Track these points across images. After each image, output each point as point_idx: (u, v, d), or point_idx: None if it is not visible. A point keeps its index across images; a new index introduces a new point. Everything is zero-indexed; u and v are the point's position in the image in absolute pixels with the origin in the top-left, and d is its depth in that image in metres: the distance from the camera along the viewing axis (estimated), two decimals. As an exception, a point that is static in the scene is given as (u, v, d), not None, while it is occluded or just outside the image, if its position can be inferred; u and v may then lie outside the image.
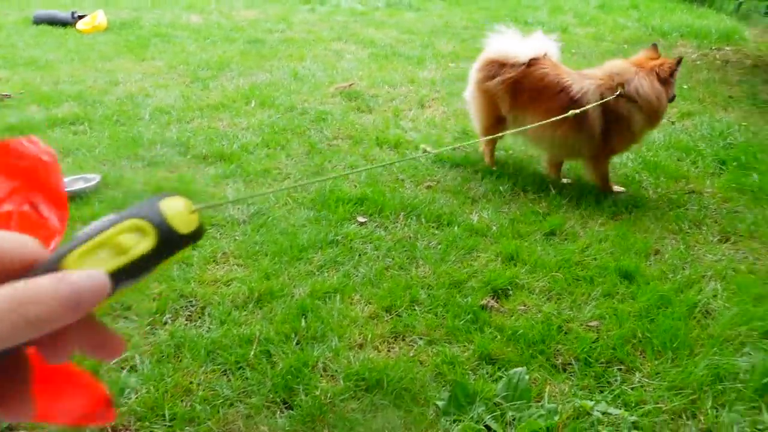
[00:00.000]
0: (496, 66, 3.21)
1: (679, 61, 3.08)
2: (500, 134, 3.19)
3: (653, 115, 3.07)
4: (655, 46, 3.26)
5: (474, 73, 3.34)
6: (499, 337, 2.13)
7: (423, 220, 2.90)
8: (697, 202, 3.16)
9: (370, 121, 4.15)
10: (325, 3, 8.30)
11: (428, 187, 3.27)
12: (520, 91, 3.12)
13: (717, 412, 1.83)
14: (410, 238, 2.76)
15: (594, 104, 2.94)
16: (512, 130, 3.20)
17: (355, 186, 3.20)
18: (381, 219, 2.91)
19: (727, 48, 6.75)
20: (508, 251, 2.64)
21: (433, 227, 2.86)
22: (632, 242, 2.74)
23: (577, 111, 2.70)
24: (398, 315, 2.23)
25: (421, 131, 4.02)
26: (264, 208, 2.91)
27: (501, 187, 3.24)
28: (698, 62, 6.04)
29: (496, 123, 3.29)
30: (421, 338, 2.13)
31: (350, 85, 4.79)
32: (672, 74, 3.05)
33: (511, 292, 2.40)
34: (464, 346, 2.10)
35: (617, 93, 2.98)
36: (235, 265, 2.51)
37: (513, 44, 3.25)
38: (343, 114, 4.23)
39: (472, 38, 6.67)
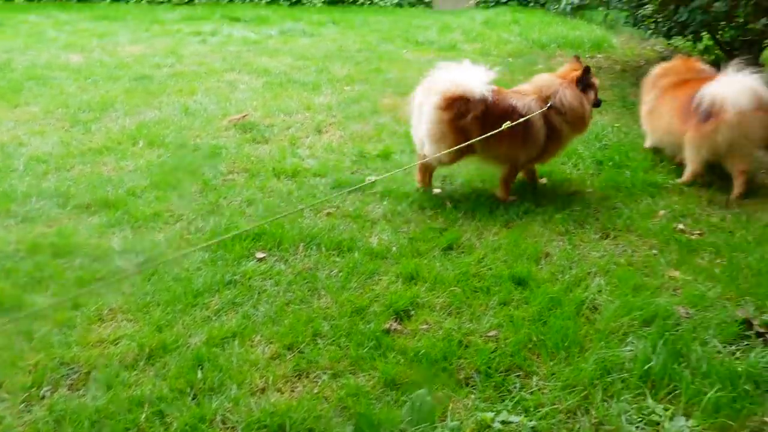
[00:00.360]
0: (463, 102, 3.17)
1: (586, 69, 3.35)
2: (426, 159, 3.31)
3: (579, 122, 3.36)
4: (577, 58, 3.56)
5: (436, 111, 3.19)
6: (402, 360, 2.13)
7: (323, 248, 2.88)
8: (580, 202, 3.37)
9: (267, 152, 4.09)
10: (216, 33, 8.15)
11: (328, 214, 3.26)
12: (485, 120, 3.17)
13: (607, 404, 1.93)
14: (311, 269, 2.72)
15: (522, 119, 3.15)
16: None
17: (252, 220, 3.13)
18: (280, 252, 2.86)
19: (599, 55, 7.34)
20: (408, 271, 2.67)
21: (333, 255, 2.84)
22: (524, 248, 2.86)
23: (512, 123, 3.04)
24: (300, 352, 2.19)
25: (318, 158, 4.01)
26: (155, 255, 2.77)
27: (399, 207, 3.29)
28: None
29: (464, 153, 3.32)
30: (325, 372, 2.09)
31: (244, 116, 4.71)
32: (587, 81, 3.33)
33: (413, 312, 2.43)
34: (369, 374, 2.08)
35: (548, 105, 3.24)
36: (124, 320, 2.35)
37: (468, 78, 3.23)
38: (238, 147, 4.14)
39: (366, 61, 6.82)
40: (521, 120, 3.14)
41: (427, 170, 3.49)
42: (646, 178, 3.69)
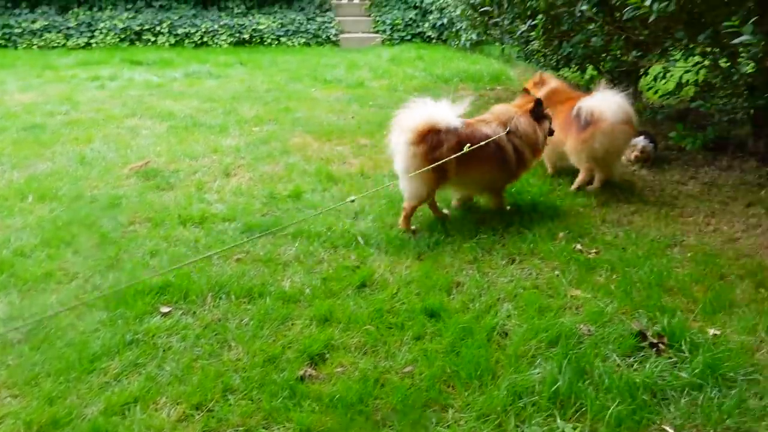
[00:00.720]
0: (435, 134, 3.25)
1: (538, 102, 3.61)
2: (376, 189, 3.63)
3: (534, 147, 3.60)
4: (526, 91, 3.88)
5: (410, 147, 3.26)
6: (318, 408, 2.08)
7: (233, 297, 2.78)
8: (487, 229, 3.49)
9: (172, 199, 3.94)
10: (116, 78, 7.84)
11: (237, 260, 3.17)
12: (460, 150, 3.25)
13: (520, 429, 1.98)
14: (220, 319, 2.62)
15: (483, 142, 3.34)
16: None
17: (156, 273, 2.97)
18: (187, 305, 2.73)
19: (499, 87, 7.77)
20: (322, 313, 2.63)
21: (244, 303, 2.75)
22: (435, 279, 2.91)
23: (473, 147, 3.23)
24: (210, 410, 2.07)
25: (227, 202, 3.91)
26: (45, 321, 2.55)
27: (311, 247, 3.26)
28: (476, 101, 6.83)
29: (441, 185, 3.46)
30: (236, 430, 1.99)
31: (146, 163, 4.52)
32: (539, 112, 3.60)
33: (327, 355, 2.39)
34: (283, 426, 2.01)
35: (507, 130, 3.49)
36: (8, 396, 2.13)
37: (440, 111, 3.35)
38: (140, 195, 3.96)
39: (274, 100, 6.80)
40: (482, 143, 3.32)
41: (412, 211, 3.50)
42: (546, 201, 3.91)
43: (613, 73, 5.45)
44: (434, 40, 11.63)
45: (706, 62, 4.37)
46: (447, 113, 3.36)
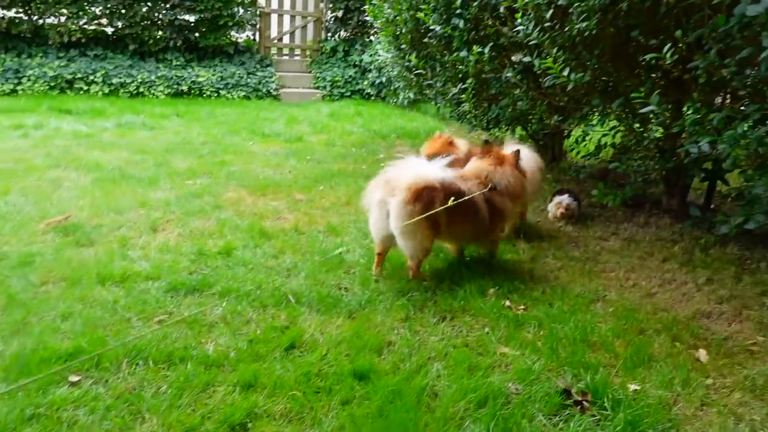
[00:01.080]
0: (429, 191, 3.30)
1: (517, 152, 3.83)
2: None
3: (517, 196, 3.78)
4: (487, 142, 4.01)
5: (406, 207, 3.26)
6: (235, 483, 1.95)
7: (151, 362, 2.61)
8: (419, 286, 3.50)
9: (91, 256, 3.73)
10: (41, 126, 7.52)
11: (159, 321, 3.01)
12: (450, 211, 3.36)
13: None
14: (135, 388, 2.44)
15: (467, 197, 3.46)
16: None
17: (67, 338, 2.77)
18: (99, 372, 2.54)
19: (434, 144, 8.02)
20: (246, 378, 2.51)
21: (163, 369, 2.59)
22: (366, 339, 2.86)
23: (457, 201, 3.34)
24: (115, 492, 1.90)
25: (152, 259, 3.74)
26: (-69, 395, 2.29)
27: (239, 307, 3.15)
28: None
29: (435, 240, 3.57)
30: None
31: (66, 217, 4.29)
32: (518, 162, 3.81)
33: (250, 425, 2.26)
34: (197, 507, 1.86)
35: (490, 187, 3.62)
36: None
37: (427, 169, 3.45)
38: (57, 252, 3.73)
39: (210, 153, 6.72)
40: (466, 198, 3.45)
41: (418, 267, 3.59)
42: (477, 257, 3.98)
43: (538, 135, 5.76)
44: (373, 98, 11.98)
45: (622, 127, 4.70)
46: (437, 168, 3.48)
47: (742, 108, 3.40)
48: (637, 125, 4.42)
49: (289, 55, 13.01)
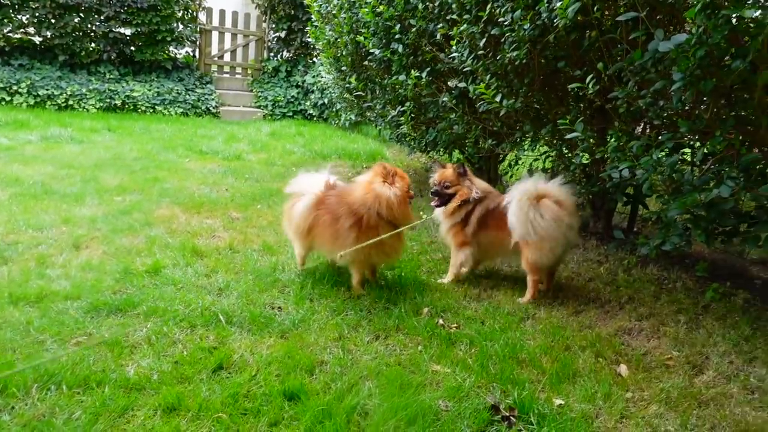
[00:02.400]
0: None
1: (461, 165, 4.00)
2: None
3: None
4: (436, 161, 4.22)
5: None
6: None
7: (64, 387, 2.45)
8: (354, 306, 3.49)
9: (4, 275, 3.49)
10: (-44, 138, 7.04)
11: (77, 343, 2.83)
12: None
13: None
14: (44, 415, 2.28)
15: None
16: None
17: (-30, 362, 2.56)
18: (5, 399, 2.36)
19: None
20: (169, 401, 2.40)
21: (77, 393, 2.44)
22: (298, 359, 2.81)
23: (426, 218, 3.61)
24: None
25: (72, 278, 3.54)
26: None
27: (165, 327, 3.02)
28: (352, 179, 7.03)
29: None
30: None
31: (-22, 233, 4.01)
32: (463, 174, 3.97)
33: (171, 450, 2.15)
34: None
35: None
36: None
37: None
38: (-36, 271, 3.46)
39: (143, 169, 6.49)
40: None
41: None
42: (414, 277, 4.02)
43: (474, 158, 5.93)
44: (315, 118, 11.99)
45: (552, 152, 4.92)
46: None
47: (659, 136, 3.64)
48: (566, 151, 4.64)
49: (230, 73, 12.85)
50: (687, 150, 3.71)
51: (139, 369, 2.64)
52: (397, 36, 5.14)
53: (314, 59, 12.32)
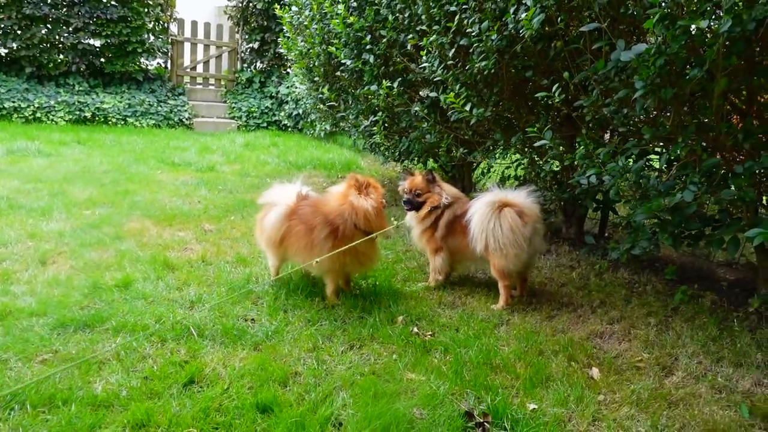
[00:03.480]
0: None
1: (429, 172, 4.08)
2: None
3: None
4: (408, 170, 4.22)
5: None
6: None
7: (29, 406, 2.38)
8: (329, 316, 3.47)
9: (-34, 292, 3.39)
10: None
11: (43, 361, 2.76)
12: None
13: None
14: (7, 436, 2.21)
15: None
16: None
17: (-71, 384, 2.47)
18: (-35, 421, 2.27)
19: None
20: (138, 417, 2.35)
21: (43, 413, 2.37)
22: (271, 371, 2.78)
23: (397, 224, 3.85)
24: None
25: (38, 294, 3.46)
26: None
27: (135, 342, 2.96)
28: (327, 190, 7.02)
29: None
30: None
31: (-61, 250, 3.88)
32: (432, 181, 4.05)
33: (139, 468, 2.11)
34: None
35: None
36: None
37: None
38: (-76, 289, 3.35)
39: (113, 182, 6.38)
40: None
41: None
42: (387, 285, 4.02)
43: (447, 167, 5.98)
44: (290, 129, 11.97)
45: (524, 160, 4.99)
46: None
47: (625, 143, 3.73)
48: (536, 158, 4.72)
49: (204, 84, 12.76)
50: (653, 156, 3.81)
51: (107, 385, 2.58)
52: (368, 47, 5.18)
53: (288, 70, 12.32)
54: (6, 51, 10.24)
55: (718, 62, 2.73)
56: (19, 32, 9.95)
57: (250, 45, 12.39)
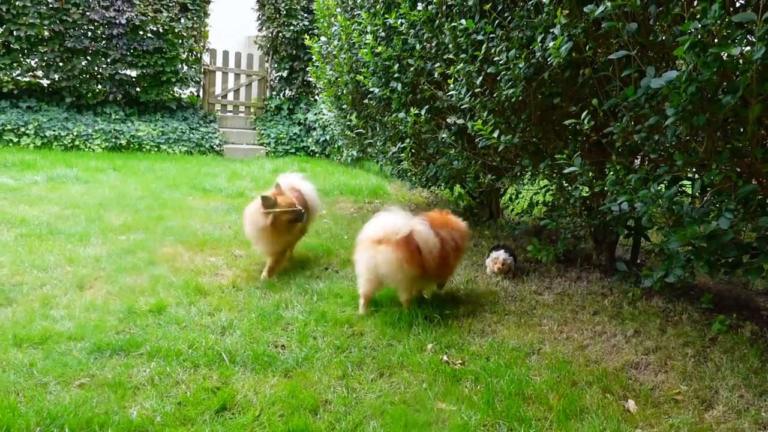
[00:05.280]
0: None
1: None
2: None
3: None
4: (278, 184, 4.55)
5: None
6: None
7: (67, 430, 2.43)
8: (358, 342, 3.47)
9: (8, 317, 3.50)
10: (-38, 180, 7.14)
11: (80, 385, 2.82)
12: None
13: None
14: (46, 459, 2.26)
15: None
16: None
17: (-27, 407, 2.55)
18: (7, 443, 2.34)
19: (377, 200, 8.16)
20: (172, 444, 2.38)
21: (80, 437, 2.42)
22: (302, 399, 2.79)
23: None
24: None
25: (76, 318, 3.55)
26: None
27: (168, 368, 3.01)
28: (355, 214, 7.09)
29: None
30: None
31: (-17, 275, 4.03)
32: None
33: (173, 495, 2.12)
34: None
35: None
36: None
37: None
38: (-31, 313, 3.48)
39: (147, 208, 6.54)
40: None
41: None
42: (417, 311, 4.00)
43: (475, 193, 5.98)
44: (318, 155, 12.14)
45: (553, 186, 4.97)
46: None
47: (656, 170, 3.69)
48: (566, 184, 4.69)
49: (234, 111, 13.08)
50: (686, 182, 3.75)
51: (143, 411, 2.62)
52: (396, 75, 5.27)
53: (316, 97, 12.55)
54: (48, 82, 10.69)
55: (752, 88, 2.70)
56: (61, 64, 10.40)
57: (279, 73, 12.70)
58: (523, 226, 5.95)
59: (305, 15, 12.09)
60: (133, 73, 11.03)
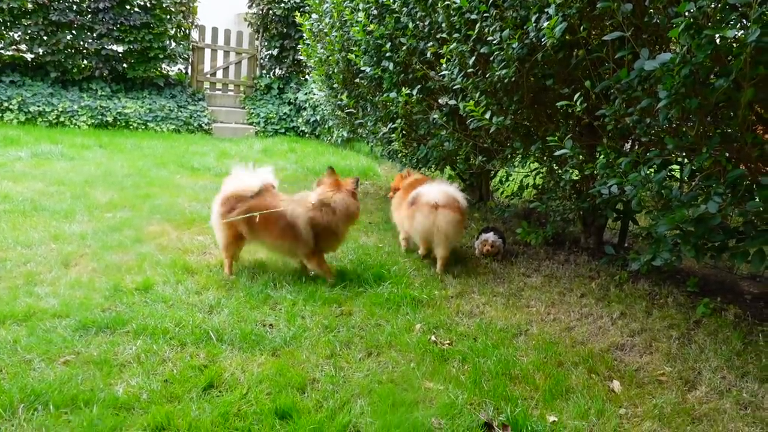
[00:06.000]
0: (233, 201, 3.99)
1: (356, 180, 4.19)
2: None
3: (350, 218, 4.08)
4: (331, 168, 4.23)
5: (217, 207, 4.07)
6: None
7: (52, 407, 2.41)
8: (346, 322, 3.47)
9: (-9, 293, 3.45)
10: (-56, 155, 6.99)
11: (65, 362, 2.79)
12: (252, 218, 3.89)
13: None
14: (30, 436, 2.24)
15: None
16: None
17: (-45, 383, 2.51)
18: (-10, 420, 2.31)
19: (367, 182, 8.12)
20: (158, 420, 2.37)
21: (65, 414, 2.40)
22: (290, 377, 2.79)
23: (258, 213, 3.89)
24: None
25: (61, 296, 3.51)
26: None
27: (155, 346, 2.99)
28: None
29: (237, 241, 4.06)
30: None
31: (-34, 251, 3.96)
32: (356, 189, 4.17)
33: (160, 471, 2.12)
34: None
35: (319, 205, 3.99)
36: None
37: (244, 180, 4.10)
38: (-49, 289, 3.42)
39: (133, 186, 6.46)
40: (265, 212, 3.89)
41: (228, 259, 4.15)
42: (405, 292, 4.00)
43: (465, 174, 5.97)
44: (308, 135, 12.03)
45: (542, 169, 4.96)
46: (251, 181, 4.09)
47: (647, 153, 3.69)
48: (556, 167, 4.69)
49: (223, 90, 12.90)
50: (676, 166, 3.76)
51: (128, 388, 2.61)
52: (387, 54, 5.20)
53: (306, 77, 12.41)
54: (32, 56, 10.45)
55: (744, 72, 2.69)
56: (45, 38, 10.16)
57: (270, 52, 12.51)
58: (512, 209, 5.95)
59: (296, -8, 11.89)
60: (120, 49, 10.81)
